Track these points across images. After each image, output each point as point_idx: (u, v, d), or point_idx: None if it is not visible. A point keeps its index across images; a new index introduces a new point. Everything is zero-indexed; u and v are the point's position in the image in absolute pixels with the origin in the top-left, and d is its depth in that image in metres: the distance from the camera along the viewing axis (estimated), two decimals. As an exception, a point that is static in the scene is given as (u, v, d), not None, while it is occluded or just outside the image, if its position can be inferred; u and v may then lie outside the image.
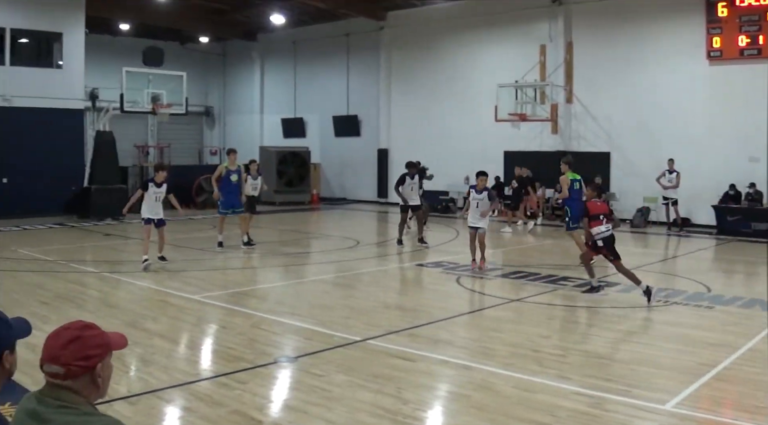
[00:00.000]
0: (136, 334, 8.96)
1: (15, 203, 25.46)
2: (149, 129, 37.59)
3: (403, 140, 31.13)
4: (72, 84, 27.24)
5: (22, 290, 12.04)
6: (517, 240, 20.36)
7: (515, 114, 24.59)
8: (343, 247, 18.16)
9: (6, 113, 25.62)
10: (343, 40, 33.41)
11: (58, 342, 2.66)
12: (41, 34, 27.65)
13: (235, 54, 39.47)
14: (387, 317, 10.19)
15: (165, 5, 29.18)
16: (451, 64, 29.37)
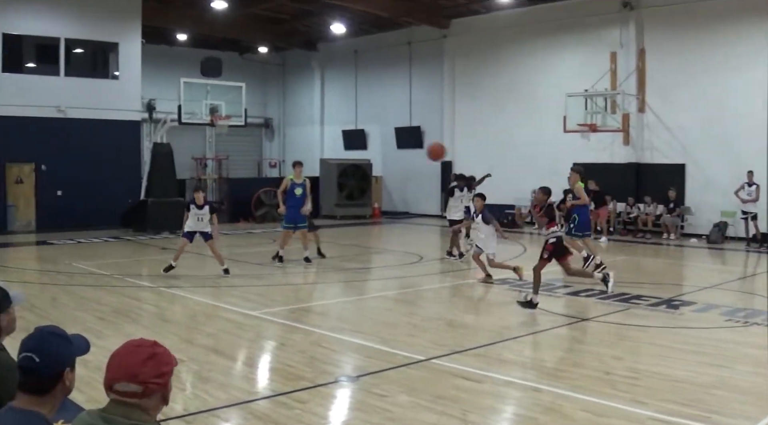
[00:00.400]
0: (193, 350, 9.06)
1: (70, 217, 26.06)
2: (207, 141, 38.13)
3: (468, 152, 31.02)
4: (128, 95, 27.82)
5: (78, 305, 12.29)
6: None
7: (585, 124, 24.29)
8: (406, 262, 18.14)
9: (61, 124, 26.26)
10: (405, 49, 33.50)
11: (135, 360, 2.71)
12: (96, 44, 28.31)
13: (294, 64, 39.87)
14: (451, 335, 10.13)
15: (223, 15, 29.62)
16: (517, 72, 29.22)
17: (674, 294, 13.09)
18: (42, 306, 11.95)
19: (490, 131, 30.15)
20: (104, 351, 8.49)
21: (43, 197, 26.29)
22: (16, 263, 18.37)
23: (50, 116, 26.01)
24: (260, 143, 41.58)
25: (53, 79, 26.53)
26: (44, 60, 27.66)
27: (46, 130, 25.77)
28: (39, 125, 25.65)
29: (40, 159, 26.11)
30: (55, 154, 26.03)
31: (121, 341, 2.89)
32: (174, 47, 35.52)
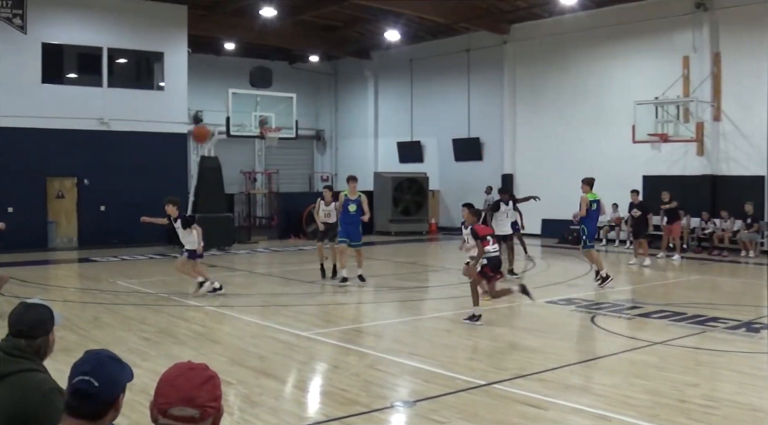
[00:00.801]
0: (242, 373, 9.10)
1: (113, 233, 26.47)
2: (256, 154, 38.51)
3: (530, 164, 30.85)
4: (174, 106, 28.24)
5: (121, 324, 12.44)
6: (659, 275, 19.78)
7: (655, 134, 24.00)
8: (465, 281, 17.99)
9: (104, 137, 26.72)
10: (463, 57, 33.49)
11: (192, 383, 2.72)
12: (141, 53, 28.81)
13: (347, 73, 40.10)
14: (514, 359, 10.03)
15: (272, 23, 29.90)
16: (583, 80, 28.99)
17: (754, 317, 12.79)
18: (84, 326, 12.12)
19: (554, 142, 29.94)
20: (149, 372, 8.62)
21: (86, 213, 26.76)
22: (57, 281, 18.71)
23: (92, 128, 26.51)
24: (311, 156, 41.85)
25: (95, 90, 27.05)
26: (86, 70, 28.22)
27: (88, 143, 26.26)
28: (81, 137, 26.15)
29: (83, 173, 26.62)
30: (98, 168, 26.49)
31: (166, 362, 2.90)
32: (221, 57, 35.98)
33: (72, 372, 3.11)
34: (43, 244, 25.70)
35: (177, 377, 2.75)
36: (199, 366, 2.81)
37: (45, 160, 25.72)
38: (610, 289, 16.35)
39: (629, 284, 18.19)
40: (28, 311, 3.94)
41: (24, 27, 25.65)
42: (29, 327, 3.86)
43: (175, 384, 2.73)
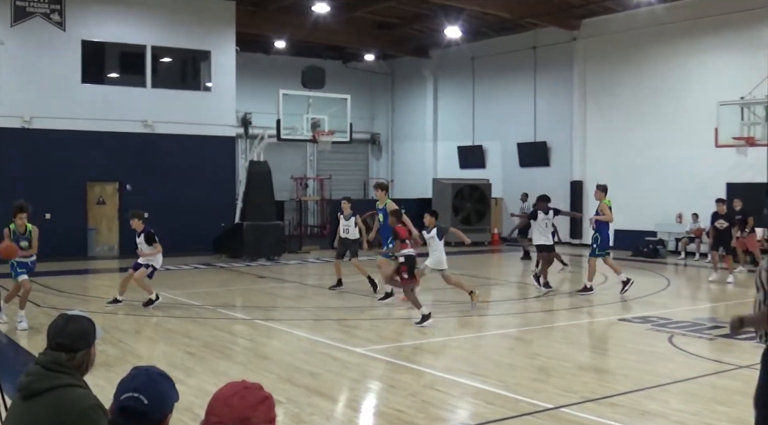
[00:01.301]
0: (292, 391, 9.11)
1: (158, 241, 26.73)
2: (308, 159, 38.75)
3: (601, 170, 30.51)
4: (222, 108, 28.53)
5: (165, 338, 12.57)
6: (743, 292, 19.41)
7: (741, 138, 23.60)
8: (530, 296, 17.92)
9: (147, 140, 27.07)
10: (529, 55, 33.34)
11: (247, 403, 2.77)
12: (187, 52, 29.17)
13: (404, 73, 40.17)
14: (583, 381, 9.92)
15: (325, 20, 30.08)
16: (659, 79, 28.64)
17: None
18: (125, 339, 12.27)
19: (627, 146, 29.62)
20: (194, 390, 8.67)
21: (128, 220, 27.04)
22: (97, 292, 18.97)
23: (136, 130, 26.91)
24: (366, 161, 42.00)
25: (139, 90, 27.48)
26: (129, 70, 28.67)
27: (131, 146, 26.65)
28: (123, 140, 26.55)
29: (125, 178, 27.01)
30: (141, 172, 26.86)
31: (212, 379, 2.93)
32: (271, 56, 36.29)
33: (119, 389, 3.13)
34: (82, 252, 26.10)
35: (231, 396, 2.79)
36: (253, 385, 2.87)
37: (85, 164, 26.15)
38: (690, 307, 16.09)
39: (711, 302, 17.91)
40: (69, 323, 3.95)
41: (63, 24, 26.13)
42: (70, 339, 3.87)
43: (229, 404, 2.76)
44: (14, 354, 11.42)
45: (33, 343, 11.73)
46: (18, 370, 7.08)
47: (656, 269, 23.38)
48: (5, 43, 25.27)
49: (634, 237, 27.93)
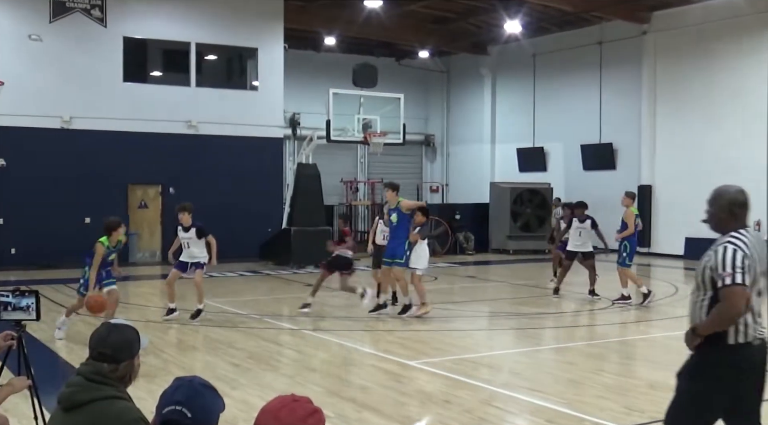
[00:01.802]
0: (341, 405, 9.13)
1: (201, 247, 26.97)
2: (359, 161, 38.86)
3: (671, 173, 30.24)
4: (269, 108, 28.70)
5: (208, 348, 12.67)
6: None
7: (824, 140, 23.29)
8: (594, 308, 17.78)
9: (191, 141, 27.31)
10: (594, 51, 33.11)
11: (296, 417, 2.83)
12: (232, 49, 29.40)
13: (460, 71, 40.12)
14: (652, 399, 9.79)
15: (377, 15, 30.12)
16: (737, 75, 28.25)
17: None
18: (167, 350, 12.40)
19: (699, 148, 29.27)
20: (239, 402, 8.75)
21: (171, 224, 27.30)
22: (139, 300, 19.19)
23: (179, 131, 27.18)
24: (420, 163, 42.00)
25: (183, 89, 27.77)
26: (172, 68, 28.98)
27: (174, 147, 26.91)
28: (166, 141, 26.83)
29: (168, 181, 27.30)
30: (185, 175, 27.09)
31: (257, 391, 2.98)
32: (321, 53, 36.40)
33: (162, 401, 3.16)
34: (123, 258, 26.21)
35: (280, 409, 2.83)
36: (303, 398, 2.92)
37: (126, 166, 26.45)
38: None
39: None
40: (112, 332, 3.98)
41: (104, 20, 26.49)
42: (113, 349, 3.89)
43: (278, 417, 2.80)
44: (52, 364, 11.58)
45: (72, 354, 11.89)
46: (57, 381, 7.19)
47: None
48: (44, 40, 25.68)
49: (707, 246, 27.33)
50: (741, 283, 5.42)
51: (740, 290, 5.42)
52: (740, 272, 5.45)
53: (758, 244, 5.76)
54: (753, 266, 5.57)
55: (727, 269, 5.50)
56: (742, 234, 5.74)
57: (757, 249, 5.69)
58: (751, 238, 5.72)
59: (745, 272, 5.46)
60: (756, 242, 5.74)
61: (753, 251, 5.61)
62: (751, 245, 5.64)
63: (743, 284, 5.42)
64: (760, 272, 5.67)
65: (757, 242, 5.77)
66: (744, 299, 5.45)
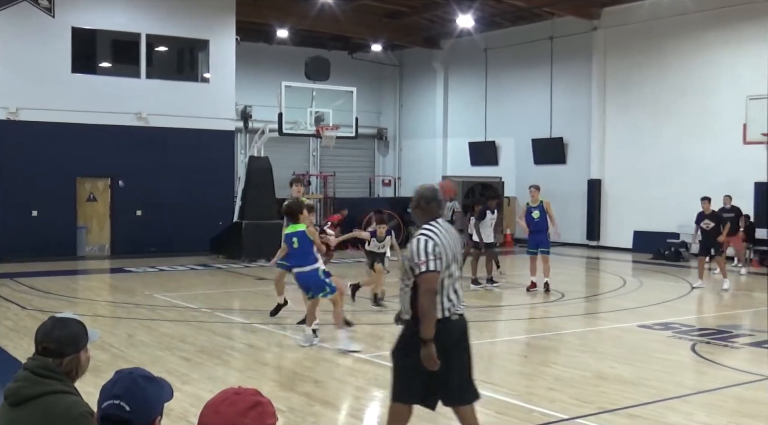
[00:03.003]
0: (295, 399, 9.12)
1: (151, 241, 26.78)
2: (311, 155, 38.79)
3: (621, 168, 30.53)
4: (220, 101, 28.52)
5: (159, 343, 12.56)
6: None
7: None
8: (545, 301, 17.90)
9: (141, 133, 27.04)
10: (545, 46, 33.30)
11: (236, 409, 2.76)
12: (183, 41, 29.15)
13: (413, 65, 40.18)
14: (601, 391, 9.91)
15: (331, 8, 30.06)
16: (685, 71, 28.57)
17: None
18: (117, 344, 12.29)
19: (650, 143, 29.58)
20: (190, 397, 8.69)
21: (120, 218, 27.15)
22: (87, 294, 19.02)
23: (129, 123, 26.90)
24: (372, 157, 42.03)
25: (132, 81, 27.50)
26: (122, 59, 28.70)
27: (123, 140, 26.63)
28: (115, 134, 26.53)
29: (117, 174, 27.03)
30: (135, 168, 26.84)
31: (208, 386, 2.95)
32: (273, 46, 36.26)
33: (102, 395, 3.11)
34: (71, 252, 26.10)
35: (221, 402, 2.78)
36: (247, 391, 2.84)
37: (75, 158, 26.12)
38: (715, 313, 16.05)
39: (737, 309, 17.89)
40: (57, 326, 3.94)
41: (52, 9, 26.14)
42: (58, 344, 3.86)
43: (218, 410, 2.75)
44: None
45: (19, 350, 11.72)
46: (2, 377, 7.10)
47: (678, 273, 23.34)
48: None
49: (655, 239, 27.91)
50: (433, 270, 6.32)
51: (432, 275, 6.32)
52: (432, 259, 6.33)
53: (449, 233, 6.63)
54: (445, 253, 6.42)
55: (421, 257, 6.34)
56: (433, 226, 6.58)
57: (448, 238, 6.55)
58: (441, 228, 6.58)
59: (437, 259, 6.34)
60: (447, 232, 6.61)
61: (443, 240, 6.48)
62: (441, 235, 6.51)
63: (435, 270, 6.32)
64: (452, 258, 6.52)
65: (448, 231, 6.64)
66: (436, 282, 6.35)
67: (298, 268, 12.20)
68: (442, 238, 6.49)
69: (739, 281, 22.15)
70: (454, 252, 6.58)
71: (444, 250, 6.43)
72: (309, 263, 12.07)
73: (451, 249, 6.54)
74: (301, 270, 12.13)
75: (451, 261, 6.52)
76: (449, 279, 6.51)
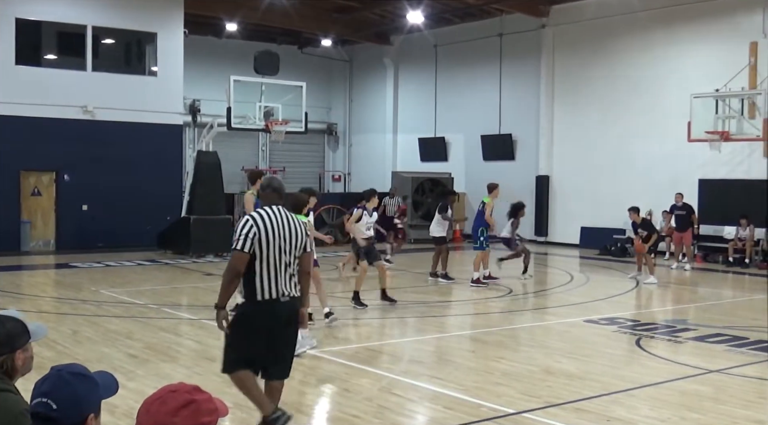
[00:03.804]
0: (240, 396, 9.06)
1: (97, 236, 26.49)
2: (260, 150, 38.64)
3: (569, 165, 30.75)
4: (168, 95, 28.25)
5: (105, 339, 12.45)
6: (716, 294, 19.68)
7: (715, 132, 23.84)
8: (492, 296, 17.99)
9: (87, 127, 26.70)
10: (494, 43, 33.43)
11: (167, 408, 2.68)
12: (130, 34, 28.82)
13: (363, 60, 40.16)
14: (547, 385, 9.99)
15: (280, 2, 29.91)
16: (632, 70, 28.82)
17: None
18: (62, 341, 12.14)
19: (597, 140, 29.83)
20: (135, 394, 8.64)
21: (65, 213, 26.81)
22: (32, 290, 18.77)
23: (74, 117, 26.53)
24: (322, 152, 41.95)
25: (78, 74, 27.11)
26: (68, 52, 28.32)
27: (69, 133, 26.26)
28: (61, 127, 26.17)
29: (62, 168, 26.66)
30: (80, 162, 26.50)
31: (155, 383, 2.91)
32: (222, 40, 35.97)
33: (33, 393, 3.06)
34: (15, 247, 25.70)
35: (153, 401, 2.72)
36: (183, 388, 2.77)
37: (19, 152, 25.66)
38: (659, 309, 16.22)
39: (680, 303, 18.14)
40: None
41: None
42: None
43: (149, 410, 2.69)
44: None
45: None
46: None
47: (624, 268, 23.55)
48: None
49: (602, 235, 28.17)
50: (240, 249, 6.96)
51: (238, 254, 6.98)
52: (242, 240, 6.97)
53: (282, 222, 7.17)
54: (265, 238, 7.00)
55: (235, 236, 7.05)
56: (265, 211, 7.20)
57: (277, 225, 7.11)
58: (272, 215, 7.15)
59: (248, 240, 6.95)
60: (279, 220, 7.17)
61: (268, 225, 7.06)
62: (267, 221, 7.09)
63: (242, 250, 6.95)
64: (275, 244, 7.06)
65: (282, 220, 7.19)
66: (242, 261, 6.98)
67: None
68: (267, 223, 7.07)
69: (684, 276, 22.46)
70: (283, 240, 7.11)
71: (263, 235, 7.01)
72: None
73: (279, 236, 7.09)
74: None
75: (273, 247, 7.05)
76: (266, 262, 7.04)
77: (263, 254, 7.00)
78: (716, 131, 23.87)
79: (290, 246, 7.15)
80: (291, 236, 7.17)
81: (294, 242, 7.19)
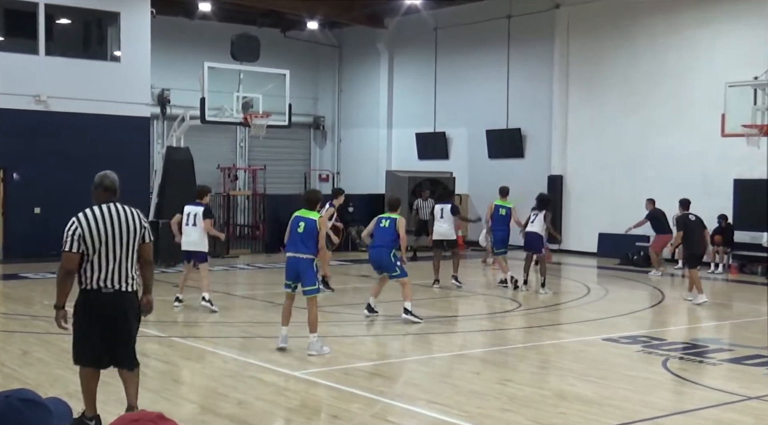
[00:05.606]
0: (215, 422, 9.03)
1: (51, 242, 26.09)
2: (238, 146, 38.64)
3: (585, 163, 30.74)
4: (134, 82, 28.17)
5: (58, 360, 12.33)
6: (754, 309, 19.60)
7: (752, 125, 23.78)
8: (499, 310, 17.99)
9: (41, 119, 26.53)
10: (502, 25, 33.45)
11: None
12: (90, 13, 28.70)
13: (354, 46, 40.17)
14: (561, 411, 9.96)
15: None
16: (657, 56, 28.82)
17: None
18: (10, 363, 12.11)
19: (617, 135, 29.82)
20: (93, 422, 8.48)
21: (14, 216, 26.66)
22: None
23: (25, 107, 26.37)
24: (308, 149, 42.05)
25: (29, 58, 26.94)
26: (16, 33, 28.18)
27: (19, 126, 26.08)
28: (9, 118, 26.00)
29: (11, 165, 26.49)
30: (32, 158, 26.37)
31: (116, 409, 2.87)
32: (195, 21, 35.92)
33: None
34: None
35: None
36: (146, 416, 2.75)
37: (-39, 147, 25.66)
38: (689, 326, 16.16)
39: (713, 320, 18.08)
40: None
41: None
42: None
43: None
44: None
45: None
46: None
47: (648, 280, 23.55)
48: None
49: (622, 243, 28.09)
50: (68, 250, 8.33)
51: (66, 255, 8.37)
52: (69, 241, 8.32)
53: (107, 219, 8.46)
54: (90, 236, 8.30)
55: (65, 237, 8.34)
56: (92, 210, 8.52)
57: (101, 222, 8.41)
58: (97, 214, 8.45)
59: (74, 241, 8.29)
60: (104, 217, 8.45)
61: (92, 223, 8.37)
62: (91, 219, 8.40)
63: (70, 250, 8.32)
64: (100, 241, 8.36)
65: (106, 217, 8.46)
66: (70, 261, 8.35)
67: (293, 253, 12.88)
68: (91, 222, 8.37)
69: (717, 288, 22.40)
70: (111, 236, 8.41)
71: (87, 233, 8.31)
72: (307, 251, 12.79)
73: (106, 233, 8.39)
74: (296, 255, 12.83)
75: (100, 243, 8.36)
76: (95, 257, 8.38)
77: (89, 251, 8.33)
78: (755, 125, 23.74)
79: (121, 241, 8.49)
80: (122, 231, 8.51)
81: (126, 237, 8.55)
